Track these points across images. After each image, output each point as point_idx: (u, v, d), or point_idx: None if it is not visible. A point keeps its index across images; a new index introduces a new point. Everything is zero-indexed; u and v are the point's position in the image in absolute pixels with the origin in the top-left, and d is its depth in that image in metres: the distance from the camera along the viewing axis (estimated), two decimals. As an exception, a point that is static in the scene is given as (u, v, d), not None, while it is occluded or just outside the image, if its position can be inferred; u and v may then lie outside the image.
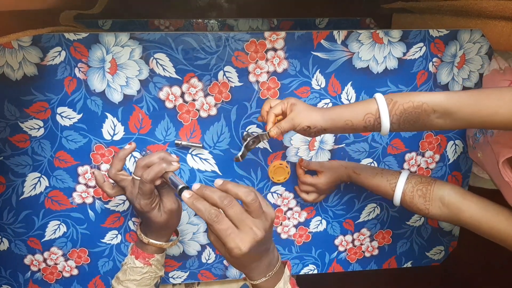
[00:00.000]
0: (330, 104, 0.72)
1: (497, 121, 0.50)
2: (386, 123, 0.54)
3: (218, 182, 0.50)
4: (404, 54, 0.70)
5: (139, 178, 0.57)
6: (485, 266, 1.16)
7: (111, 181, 0.64)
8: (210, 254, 0.80)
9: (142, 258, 0.62)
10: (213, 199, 0.48)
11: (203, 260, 0.80)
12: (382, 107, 0.54)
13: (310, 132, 0.59)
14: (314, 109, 0.59)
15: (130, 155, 0.71)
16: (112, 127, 0.69)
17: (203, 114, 0.70)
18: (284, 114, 0.61)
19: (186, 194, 0.49)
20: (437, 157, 0.78)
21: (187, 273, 0.81)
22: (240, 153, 0.63)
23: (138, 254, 0.63)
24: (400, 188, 0.65)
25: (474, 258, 1.11)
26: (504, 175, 0.58)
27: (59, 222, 0.74)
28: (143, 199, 0.58)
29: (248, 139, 0.63)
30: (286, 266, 0.57)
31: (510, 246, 0.58)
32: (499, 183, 0.61)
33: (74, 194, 0.72)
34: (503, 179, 0.58)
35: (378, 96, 0.55)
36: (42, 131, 0.68)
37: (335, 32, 0.67)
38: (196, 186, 0.50)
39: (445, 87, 0.73)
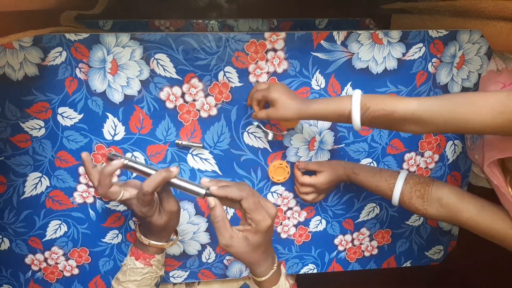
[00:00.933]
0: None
1: (470, 129, 0.51)
2: (357, 125, 0.57)
3: (205, 180, 0.57)
4: (404, 54, 0.70)
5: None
6: (484, 265, 1.16)
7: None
8: (210, 253, 0.80)
9: (143, 259, 0.62)
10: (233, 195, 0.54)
11: (203, 260, 0.81)
12: (355, 112, 0.56)
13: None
14: (293, 105, 0.61)
15: (131, 156, 0.71)
16: (113, 127, 0.69)
17: (204, 114, 0.70)
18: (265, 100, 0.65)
19: (213, 190, 0.54)
20: (436, 157, 0.79)
21: (188, 273, 0.81)
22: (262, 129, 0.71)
23: (138, 255, 0.62)
24: (398, 188, 0.66)
25: (473, 258, 1.12)
26: (492, 178, 0.58)
27: (60, 222, 0.74)
28: (143, 207, 0.57)
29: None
30: (282, 265, 0.63)
31: (507, 246, 0.58)
32: (492, 185, 0.61)
33: (75, 194, 0.73)
34: (493, 182, 0.59)
35: (355, 97, 0.56)
36: (43, 131, 0.68)
37: (334, 33, 0.68)
38: (211, 186, 0.55)
39: (445, 88, 0.74)
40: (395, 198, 0.66)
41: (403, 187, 0.65)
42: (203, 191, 0.54)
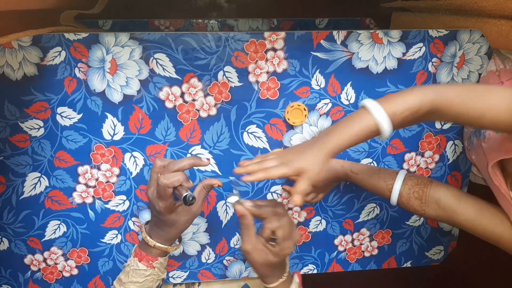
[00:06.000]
0: (330, 105, 0.72)
1: (484, 123, 0.48)
2: (387, 135, 0.49)
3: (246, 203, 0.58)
4: (404, 54, 0.70)
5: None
6: (485, 266, 1.16)
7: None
8: (210, 254, 0.80)
9: (146, 261, 0.62)
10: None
11: (203, 260, 0.81)
12: (385, 123, 0.48)
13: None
14: (320, 161, 0.49)
15: (131, 155, 0.71)
16: (112, 127, 0.69)
17: (203, 114, 0.70)
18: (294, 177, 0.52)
19: (249, 207, 0.57)
20: (436, 157, 0.79)
21: (187, 273, 0.81)
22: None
23: (141, 257, 0.62)
24: (397, 189, 0.66)
25: (474, 258, 1.11)
26: (494, 178, 0.58)
27: (59, 222, 0.74)
28: (161, 202, 0.58)
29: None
30: (296, 274, 0.64)
31: (505, 248, 0.58)
32: (491, 186, 0.61)
33: (74, 194, 0.72)
34: (493, 182, 0.58)
35: (376, 110, 0.48)
36: (42, 131, 0.68)
37: (334, 32, 0.67)
38: (246, 203, 0.57)
39: (445, 87, 0.73)
40: (394, 198, 0.66)
41: (401, 188, 0.65)
42: (235, 199, 0.57)
